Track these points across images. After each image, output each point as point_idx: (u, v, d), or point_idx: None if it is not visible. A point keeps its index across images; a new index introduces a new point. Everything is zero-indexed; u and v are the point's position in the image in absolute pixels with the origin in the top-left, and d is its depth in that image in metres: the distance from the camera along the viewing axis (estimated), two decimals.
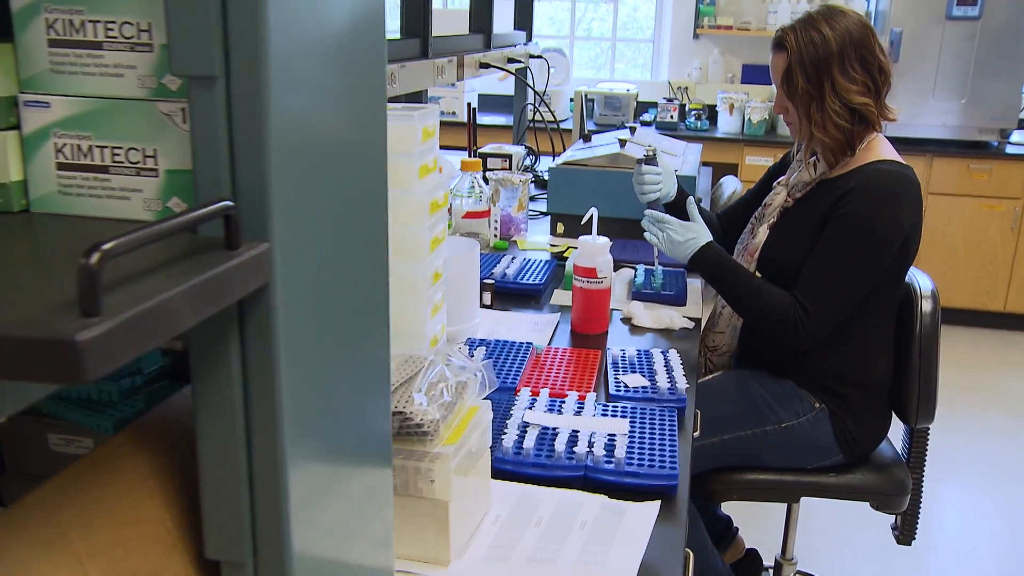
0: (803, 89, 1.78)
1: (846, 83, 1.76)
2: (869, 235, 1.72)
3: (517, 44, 3.43)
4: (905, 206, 1.73)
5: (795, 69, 1.78)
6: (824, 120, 1.79)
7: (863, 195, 1.73)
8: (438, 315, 1.51)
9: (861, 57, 1.77)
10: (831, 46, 1.75)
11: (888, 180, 1.74)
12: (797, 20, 1.82)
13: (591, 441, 1.25)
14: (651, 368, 1.54)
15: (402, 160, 1.38)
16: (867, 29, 1.79)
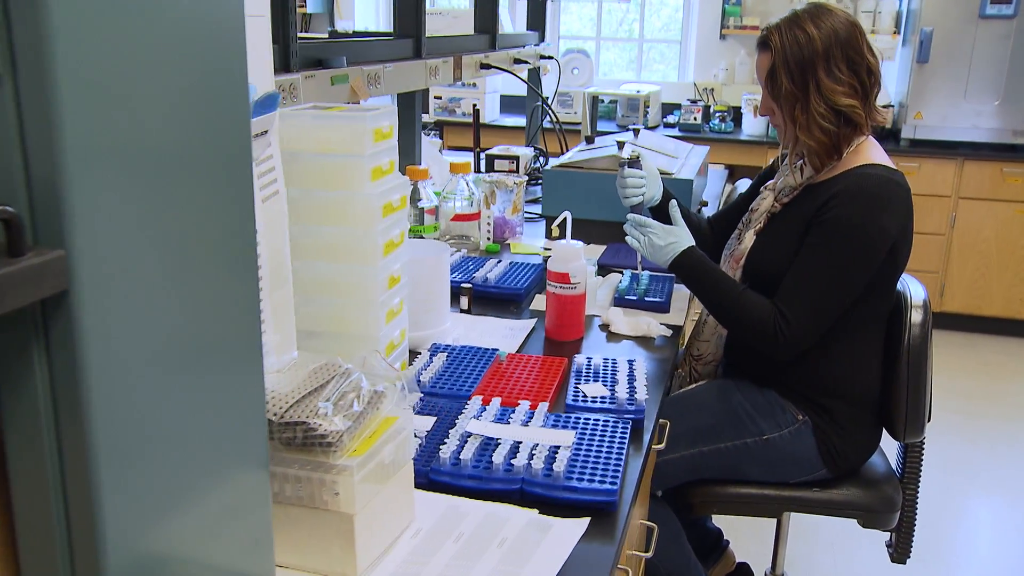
0: (787, 90, 1.72)
1: (831, 84, 1.70)
2: (853, 242, 1.66)
3: (527, 45, 3.39)
4: (891, 212, 1.66)
5: (779, 69, 1.73)
6: (809, 122, 1.73)
7: (847, 200, 1.67)
8: (396, 320, 1.48)
9: (848, 57, 1.70)
10: (816, 46, 1.69)
11: (874, 185, 1.67)
12: (783, 18, 1.76)
13: (532, 453, 1.22)
14: (614, 378, 1.50)
15: (351, 161, 1.35)
16: (855, 28, 1.72)
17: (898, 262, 1.73)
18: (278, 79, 1.69)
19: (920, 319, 1.77)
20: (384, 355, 1.45)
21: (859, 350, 1.78)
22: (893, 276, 1.75)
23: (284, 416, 0.93)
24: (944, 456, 3.40)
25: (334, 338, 1.44)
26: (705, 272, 1.76)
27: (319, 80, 1.82)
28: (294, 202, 1.41)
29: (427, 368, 1.51)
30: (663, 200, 2.01)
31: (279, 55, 1.75)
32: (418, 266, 1.65)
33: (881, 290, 1.74)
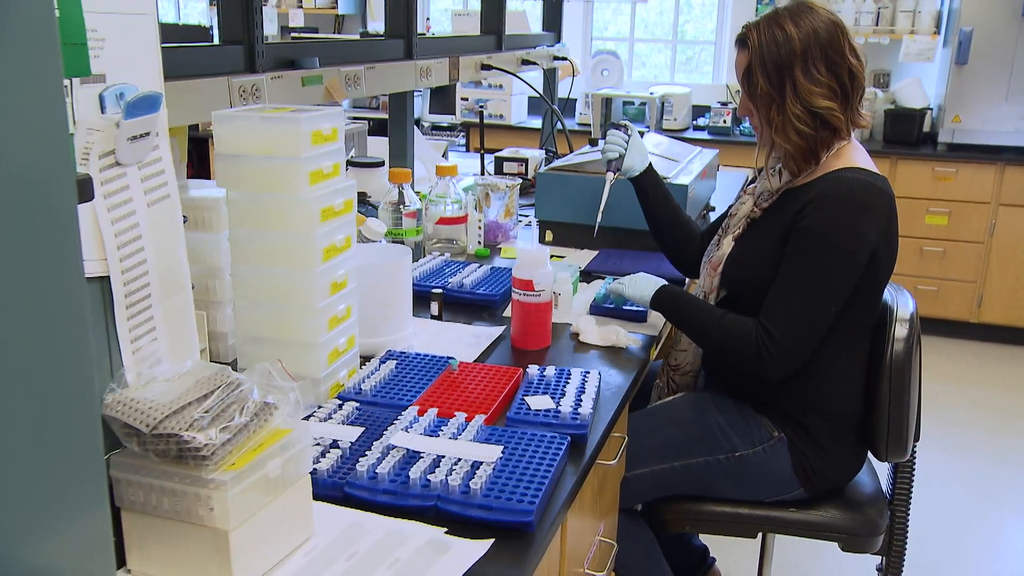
0: (763, 90, 1.66)
1: (808, 85, 1.62)
2: (829, 250, 1.58)
3: (540, 46, 3.35)
4: (870, 217, 1.59)
5: (755, 68, 1.66)
6: (784, 124, 1.66)
7: (822, 206, 1.60)
8: (341, 327, 1.45)
9: (827, 58, 1.63)
10: (794, 45, 1.62)
11: (849, 189, 1.60)
12: (762, 16, 1.70)
13: (452, 469, 1.17)
14: (563, 390, 1.44)
15: (287, 164, 1.32)
16: (837, 28, 1.64)
17: (880, 271, 1.64)
18: (240, 80, 1.67)
19: (905, 333, 1.69)
20: (326, 363, 1.42)
21: (840, 364, 1.69)
22: (875, 286, 1.66)
23: (157, 427, 0.90)
24: (973, 476, 3.27)
25: (277, 344, 1.42)
26: (684, 304, 1.71)
27: (288, 81, 1.80)
28: (237, 205, 1.39)
29: (371, 376, 1.47)
30: (645, 174, 2.03)
31: (244, 56, 1.73)
32: (374, 271, 1.61)
33: (863, 301, 1.66)
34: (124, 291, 0.94)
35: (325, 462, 1.18)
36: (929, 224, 4.59)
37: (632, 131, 2.05)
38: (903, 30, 4.83)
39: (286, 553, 1.01)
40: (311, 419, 1.31)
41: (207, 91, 1.60)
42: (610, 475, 1.60)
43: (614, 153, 2.02)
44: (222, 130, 1.34)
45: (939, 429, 3.62)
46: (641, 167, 2.02)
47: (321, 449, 1.22)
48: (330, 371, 1.44)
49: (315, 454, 1.20)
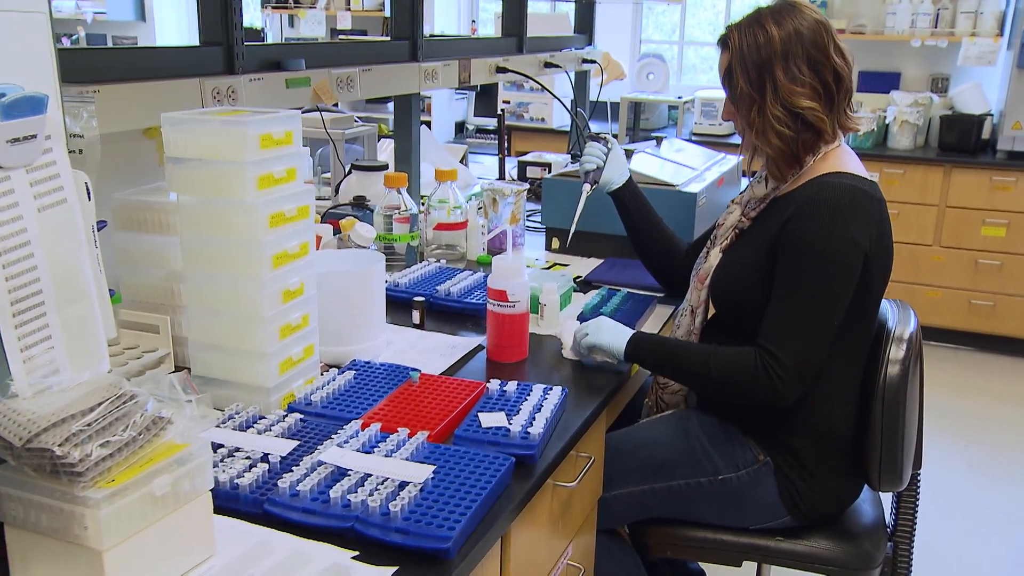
0: (743, 91, 1.58)
1: (790, 84, 1.55)
2: (822, 261, 1.50)
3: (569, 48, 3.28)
4: (857, 222, 1.50)
5: (736, 69, 1.59)
6: (765, 126, 1.58)
7: (807, 213, 1.52)
8: (295, 336, 1.41)
9: (810, 58, 1.55)
10: (775, 46, 1.54)
11: (836, 194, 1.51)
12: (745, 17, 1.62)
13: (375, 489, 1.12)
14: (519, 407, 1.38)
15: (232, 169, 1.29)
16: (822, 28, 1.56)
17: (872, 280, 1.54)
18: (214, 81, 1.65)
19: (902, 354, 1.58)
20: (278, 372, 1.38)
21: (831, 385, 1.60)
22: (867, 298, 1.56)
23: (31, 441, 0.87)
24: None
25: (228, 352, 1.39)
26: (665, 350, 1.62)
27: (269, 83, 1.78)
28: (186, 209, 1.36)
29: (325, 387, 1.43)
30: (624, 188, 1.98)
31: (223, 57, 1.71)
32: (341, 278, 1.57)
33: (855, 313, 1.56)
34: (10, 298, 0.91)
35: (249, 476, 1.14)
36: (985, 236, 4.39)
37: (612, 144, 2.00)
38: (963, 32, 4.62)
39: (177, 574, 0.97)
40: (250, 430, 1.27)
41: (178, 93, 1.58)
42: (578, 496, 1.53)
43: (591, 164, 1.97)
44: (171, 133, 1.32)
45: (987, 452, 3.45)
46: (620, 180, 1.97)
47: (249, 463, 1.18)
48: (282, 381, 1.40)
49: (242, 468, 1.16)
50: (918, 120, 4.51)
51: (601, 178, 1.96)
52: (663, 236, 1.95)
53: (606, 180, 1.96)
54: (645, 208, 1.97)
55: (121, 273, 1.61)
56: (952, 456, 3.44)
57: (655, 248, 1.96)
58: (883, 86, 4.90)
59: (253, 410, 1.34)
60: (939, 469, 3.32)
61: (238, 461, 1.18)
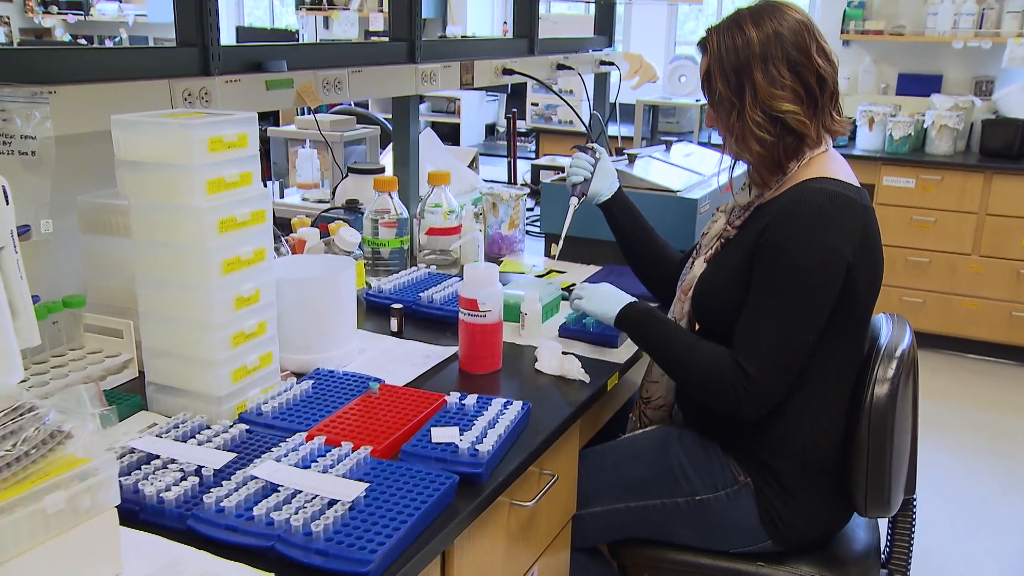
0: (722, 95, 1.52)
1: (769, 87, 1.48)
2: (799, 270, 1.42)
3: (587, 50, 3.22)
4: (838, 229, 1.42)
5: (714, 73, 1.52)
6: (744, 131, 1.51)
7: (784, 221, 1.45)
8: (250, 344, 1.38)
9: (790, 60, 1.47)
10: (753, 48, 1.48)
11: (817, 199, 1.44)
12: (725, 19, 1.55)
13: (302, 507, 1.08)
14: (474, 422, 1.33)
15: (179, 172, 1.26)
16: (803, 29, 1.49)
17: (857, 293, 1.46)
18: (185, 82, 1.63)
19: (891, 372, 1.49)
20: (230, 381, 1.35)
21: (816, 403, 1.52)
22: (852, 311, 1.48)
23: None
24: None
25: (180, 359, 1.36)
26: (654, 325, 1.57)
27: (247, 85, 1.75)
28: (137, 213, 1.34)
29: (278, 397, 1.39)
30: (614, 199, 1.91)
31: (199, 58, 1.69)
32: (306, 285, 1.54)
33: (840, 329, 1.48)
34: None
35: (176, 490, 1.11)
36: None
37: (601, 154, 1.93)
38: (1009, 32, 4.45)
39: None
40: (190, 441, 1.24)
41: (145, 94, 1.56)
42: (544, 513, 1.47)
43: (579, 177, 1.90)
44: (120, 135, 1.30)
45: None
46: (609, 192, 1.90)
47: (181, 475, 1.15)
48: (235, 389, 1.37)
49: (171, 481, 1.13)
50: (958, 124, 4.36)
51: (589, 190, 1.89)
52: (655, 247, 1.88)
53: (594, 192, 1.90)
54: (635, 219, 1.90)
55: (88, 276, 1.60)
56: (984, 474, 3.30)
57: (646, 259, 1.89)
58: (924, 89, 4.75)
59: (200, 419, 1.31)
60: (972, 487, 3.20)
61: (169, 473, 1.15)
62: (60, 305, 1.52)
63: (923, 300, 4.43)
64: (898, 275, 4.44)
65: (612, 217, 1.91)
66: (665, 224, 2.04)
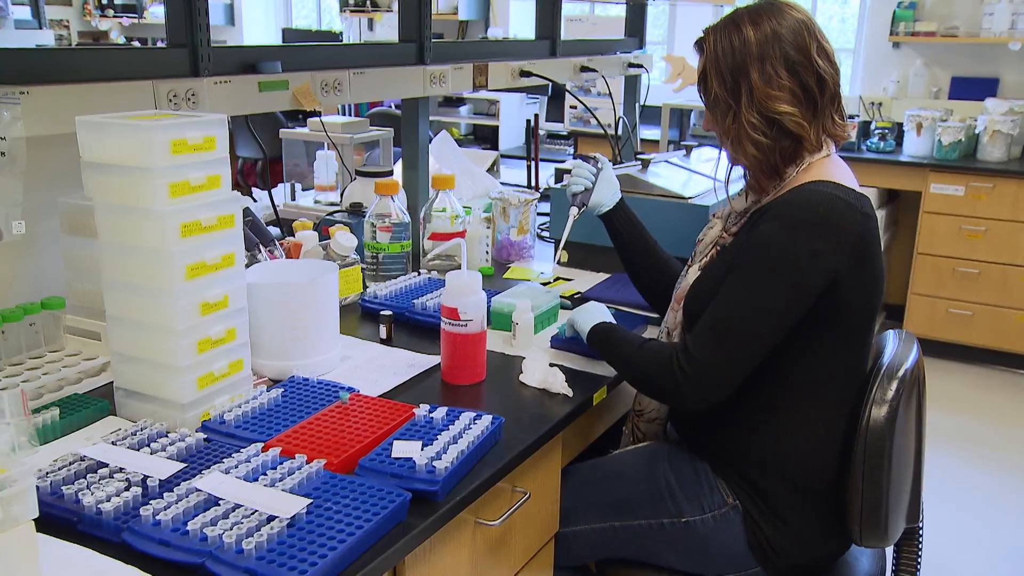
0: (718, 96, 1.46)
1: (766, 88, 1.41)
2: (771, 263, 1.36)
3: (615, 52, 3.16)
4: (825, 235, 1.35)
5: (710, 74, 1.46)
6: (740, 134, 1.44)
7: (774, 216, 1.39)
8: (217, 350, 1.35)
9: (788, 60, 1.41)
10: (750, 48, 1.41)
11: (808, 199, 1.37)
12: (722, 18, 1.49)
13: (237, 522, 1.04)
14: (437, 436, 1.28)
15: (140, 175, 1.24)
16: (803, 28, 1.42)
17: (849, 306, 1.38)
18: (170, 83, 1.61)
19: (891, 393, 1.41)
20: (195, 388, 1.32)
21: (810, 422, 1.44)
22: (845, 325, 1.40)
23: None
24: None
25: (145, 364, 1.34)
26: (613, 337, 1.53)
27: (239, 86, 1.73)
28: (102, 215, 1.32)
29: (244, 405, 1.36)
30: (615, 211, 1.83)
31: (189, 59, 1.67)
32: (278, 291, 1.51)
33: (831, 342, 1.41)
34: None
35: (116, 501, 1.08)
36: None
37: (603, 164, 1.85)
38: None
39: None
40: (144, 449, 1.22)
41: (126, 95, 1.54)
42: (518, 532, 1.42)
43: (579, 187, 1.83)
44: (85, 136, 1.28)
45: None
46: (611, 203, 1.82)
47: (125, 485, 1.12)
48: (201, 397, 1.34)
49: (113, 490, 1.10)
50: (1012, 130, 4.17)
51: (590, 201, 1.82)
52: (655, 260, 1.81)
53: (595, 203, 1.82)
54: (637, 230, 1.82)
55: (69, 278, 1.59)
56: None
57: (646, 272, 1.82)
58: (979, 92, 4.57)
59: (160, 427, 1.29)
60: None
61: (113, 483, 1.12)
62: (38, 307, 1.52)
63: (972, 313, 4.25)
64: (945, 286, 4.27)
65: (613, 228, 1.84)
66: (674, 232, 1.98)
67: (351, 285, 1.92)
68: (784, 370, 1.43)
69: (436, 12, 5.75)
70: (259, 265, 1.60)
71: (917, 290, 4.37)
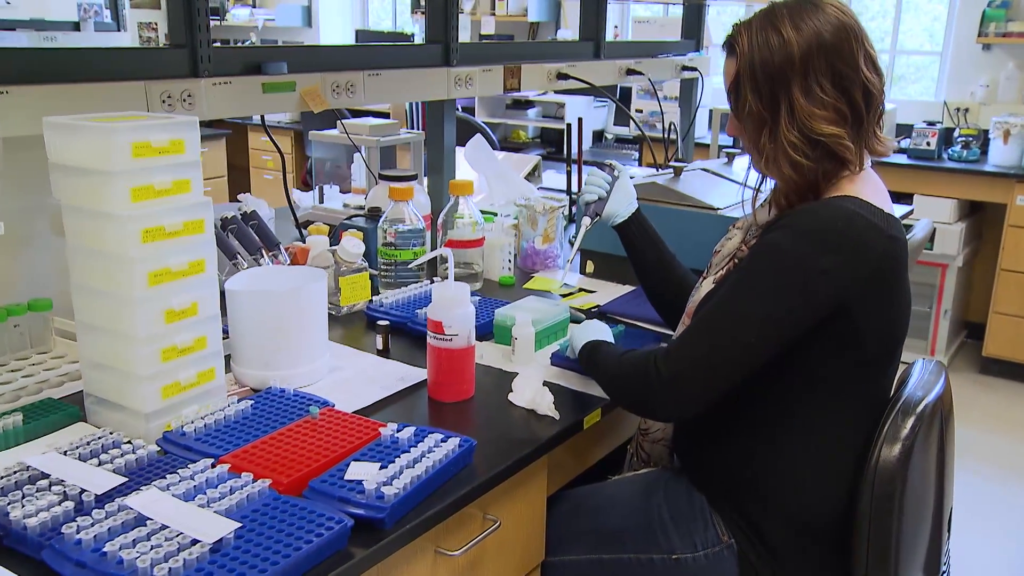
0: (753, 110, 1.32)
1: (810, 107, 1.28)
2: (771, 269, 1.25)
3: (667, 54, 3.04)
4: (840, 254, 1.22)
5: (744, 82, 1.33)
6: (776, 153, 1.32)
7: (784, 226, 1.27)
8: (184, 359, 1.32)
9: (834, 71, 1.27)
10: (792, 52, 1.27)
11: (828, 214, 1.25)
12: (756, 15, 1.35)
13: (158, 545, 0.99)
14: (397, 457, 1.21)
15: (101, 178, 1.21)
16: (849, 33, 1.28)
17: (863, 333, 1.26)
18: (164, 84, 1.58)
19: (906, 431, 1.27)
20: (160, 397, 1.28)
21: (815, 459, 1.32)
22: (861, 353, 1.28)
23: None
24: None
25: (111, 372, 1.31)
26: (598, 351, 1.45)
27: (241, 87, 1.69)
28: (68, 218, 1.29)
29: (208, 417, 1.31)
30: (630, 222, 1.73)
31: (188, 60, 1.64)
32: (255, 299, 1.46)
33: (841, 373, 1.29)
34: None
35: (43, 516, 1.04)
36: None
37: (620, 172, 1.74)
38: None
39: None
40: (91, 460, 1.18)
41: (117, 96, 1.52)
42: (490, 562, 1.34)
43: (592, 196, 1.72)
44: (51, 137, 1.26)
45: None
46: (626, 213, 1.71)
47: (59, 499, 1.09)
48: (166, 406, 1.30)
49: (45, 504, 1.07)
50: None
51: (604, 211, 1.72)
52: (674, 276, 1.69)
53: (609, 213, 1.72)
54: (653, 244, 1.72)
55: (59, 279, 1.58)
56: None
57: (661, 286, 1.71)
58: None
59: (117, 437, 1.25)
60: None
61: (48, 496, 1.09)
62: (24, 308, 1.51)
63: None
64: None
65: (628, 240, 1.73)
66: (701, 244, 1.84)
67: (358, 292, 1.87)
68: (790, 397, 1.32)
69: (506, 13, 5.70)
70: (245, 272, 1.56)
71: (999, 309, 4.10)
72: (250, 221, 1.79)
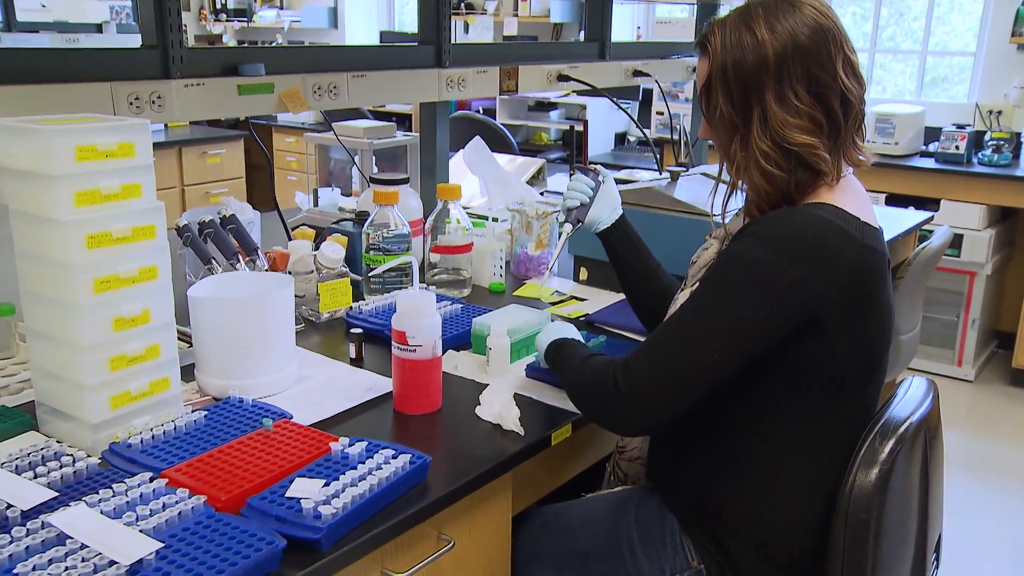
0: (724, 114, 1.26)
1: (783, 113, 1.21)
2: (735, 279, 1.19)
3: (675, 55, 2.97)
4: (813, 264, 1.15)
5: (716, 83, 1.26)
6: (748, 162, 1.25)
7: (751, 233, 1.20)
8: (135, 368, 1.29)
9: (811, 78, 1.21)
10: (765, 53, 1.21)
11: (799, 221, 1.19)
12: (730, 13, 1.28)
13: (73, 566, 0.95)
14: (342, 474, 1.16)
15: (42, 182, 1.18)
16: (825, 35, 1.21)
17: (838, 350, 1.19)
18: (132, 86, 1.55)
19: (884, 454, 1.20)
20: (108, 407, 1.25)
21: (788, 482, 1.25)
22: (837, 372, 1.21)
23: None
24: None
25: (60, 382, 1.28)
26: (563, 352, 1.39)
27: (215, 89, 1.66)
28: (16, 224, 1.27)
29: (157, 428, 1.27)
30: (613, 229, 1.66)
31: (160, 60, 1.61)
32: (220, 306, 1.42)
33: (823, 391, 1.22)
34: None
35: None
36: None
37: (605, 177, 1.67)
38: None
39: None
40: (25, 474, 1.15)
41: (83, 98, 1.49)
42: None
43: (575, 201, 1.65)
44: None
45: None
46: (610, 220, 1.64)
47: None
48: (115, 416, 1.27)
49: None
50: None
51: (587, 217, 1.65)
52: (656, 283, 1.63)
53: (592, 219, 1.65)
54: (637, 252, 1.65)
55: None
56: None
57: (645, 295, 1.65)
58: None
59: (60, 448, 1.22)
60: None
61: None
62: None
63: None
64: None
65: (610, 247, 1.67)
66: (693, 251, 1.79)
67: (338, 299, 1.83)
68: (762, 417, 1.25)
69: (529, 15, 5.65)
70: (211, 278, 1.53)
71: None
72: (228, 225, 1.75)
